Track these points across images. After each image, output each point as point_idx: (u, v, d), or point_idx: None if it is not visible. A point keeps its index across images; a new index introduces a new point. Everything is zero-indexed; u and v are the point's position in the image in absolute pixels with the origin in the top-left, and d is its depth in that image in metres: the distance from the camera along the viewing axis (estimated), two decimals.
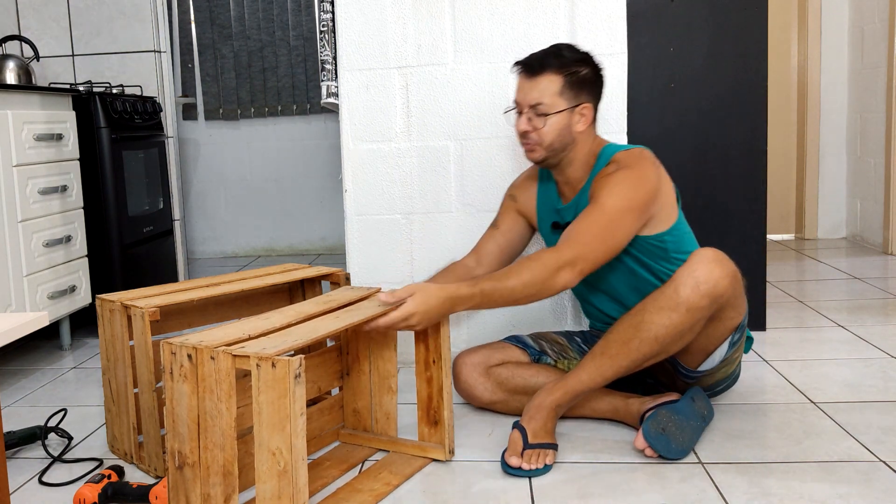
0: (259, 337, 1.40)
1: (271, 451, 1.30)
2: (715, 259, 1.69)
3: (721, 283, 1.67)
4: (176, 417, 1.39)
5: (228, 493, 1.35)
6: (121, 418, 1.77)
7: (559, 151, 1.82)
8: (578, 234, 1.69)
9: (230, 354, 1.31)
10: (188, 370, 1.36)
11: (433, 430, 1.75)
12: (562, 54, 1.79)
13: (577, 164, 1.85)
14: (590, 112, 1.82)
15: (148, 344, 1.63)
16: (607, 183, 1.74)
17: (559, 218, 1.92)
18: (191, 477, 1.39)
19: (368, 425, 1.85)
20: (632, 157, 1.78)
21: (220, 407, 1.33)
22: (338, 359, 1.85)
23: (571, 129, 1.80)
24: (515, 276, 1.65)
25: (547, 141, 1.80)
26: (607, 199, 1.71)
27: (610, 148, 1.84)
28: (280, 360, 1.26)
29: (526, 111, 1.81)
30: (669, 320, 1.66)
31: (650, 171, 1.76)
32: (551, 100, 1.78)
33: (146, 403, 1.68)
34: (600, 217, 1.70)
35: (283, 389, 1.27)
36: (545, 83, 1.78)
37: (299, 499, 1.28)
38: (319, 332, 1.42)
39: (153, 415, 1.67)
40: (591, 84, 1.82)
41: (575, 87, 1.79)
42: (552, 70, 1.78)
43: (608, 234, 1.70)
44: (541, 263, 1.66)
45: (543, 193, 1.97)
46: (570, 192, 1.89)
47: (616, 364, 1.70)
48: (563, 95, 1.78)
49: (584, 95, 1.80)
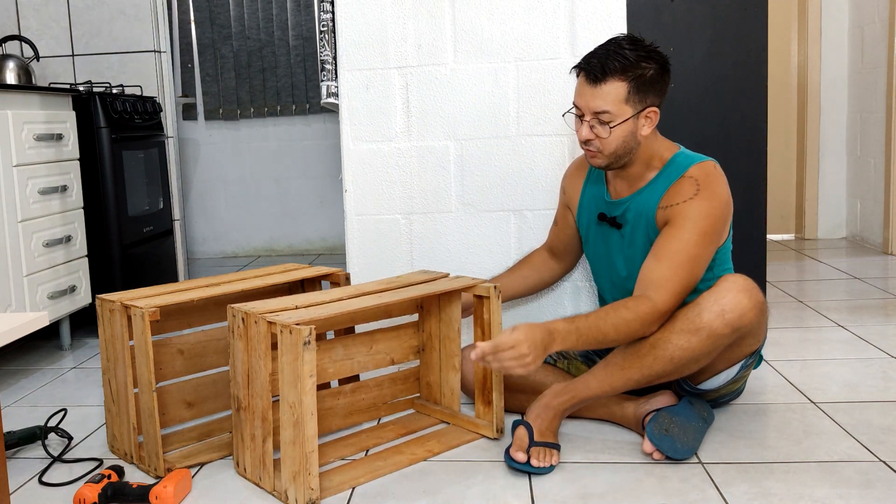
0: (307, 307, 1.62)
1: (289, 404, 1.51)
2: (745, 289, 1.65)
3: (748, 315, 1.64)
4: (235, 368, 1.64)
5: (265, 436, 1.59)
6: (121, 418, 1.77)
7: (623, 157, 1.75)
8: (665, 280, 1.66)
9: (266, 321, 1.54)
10: (241, 331, 1.61)
11: (487, 408, 1.86)
12: (624, 53, 1.66)
13: (637, 163, 1.79)
14: (656, 115, 1.72)
15: (148, 344, 1.64)
16: (688, 212, 1.69)
17: (606, 210, 1.86)
18: (243, 419, 1.64)
19: (438, 398, 2.00)
20: (709, 177, 1.71)
21: (259, 363, 1.57)
22: (415, 334, 2.00)
23: (637, 135, 1.72)
24: (612, 321, 1.63)
25: (611, 149, 1.72)
26: (690, 236, 1.67)
27: (682, 157, 1.77)
28: (295, 328, 1.47)
29: (589, 119, 1.71)
30: (688, 343, 1.64)
31: (725, 192, 1.73)
32: (616, 108, 1.68)
33: (146, 403, 1.69)
34: (683, 258, 1.67)
35: (296, 353, 1.47)
36: (609, 89, 1.67)
37: (307, 446, 1.49)
38: (348, 308, 1.61)
39: (153, 415, 1.67)
40: (657, 83, 1.70)
41: (641, 90, 1.68)
42: (617, 76, 1.66)
43: (690, 275, 1.68)
44: (637, 315, 1.64)
45: (590, 184, 1.92)
46: (623, 189, 1.84)
47: (626, 377, 1.69)
48: (628, 102, 1.68)
49: (650, 97, 1.70)
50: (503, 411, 1.85)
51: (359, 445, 1.82)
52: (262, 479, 1.61)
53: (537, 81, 2.26)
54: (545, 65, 2.26)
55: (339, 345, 1.85)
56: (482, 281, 1.84)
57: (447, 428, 1.90)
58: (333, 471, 1.68)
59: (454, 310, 1.92)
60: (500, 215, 2.32)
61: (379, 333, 1.93)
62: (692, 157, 1.78)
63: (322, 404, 1.86)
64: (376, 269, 2.37)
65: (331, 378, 1.85)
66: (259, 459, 1.61)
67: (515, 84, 2.27)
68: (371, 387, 1.97)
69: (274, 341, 1.54)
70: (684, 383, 1.81)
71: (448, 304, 1.93)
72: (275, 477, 1.59)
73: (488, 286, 1.80)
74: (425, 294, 1.77)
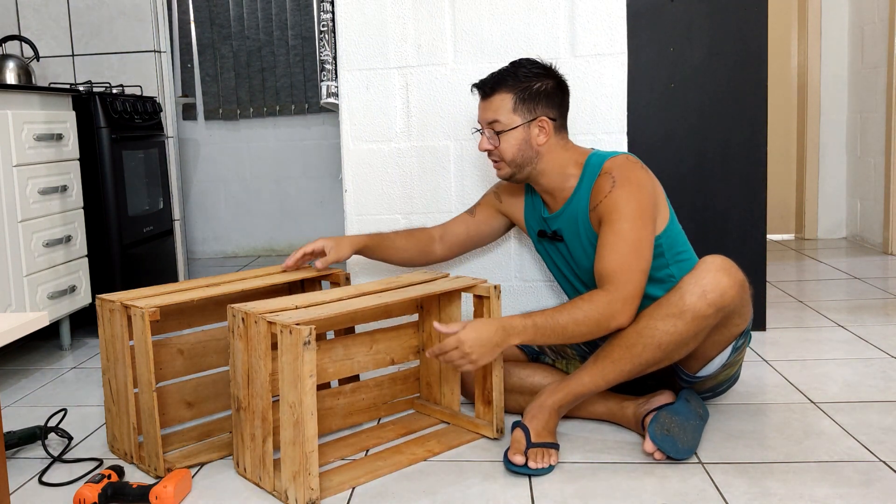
0: (307, 307, 1.62)
1: (289, 403, 1.51)
2: (723, 268, 1.67)
3: (728, 292, 1.66)
4: (235, 368, 1.64)
5: (265, 436, 1.59)
6: (121, 418, 1.77)
7: (523, 166, 1.84)
8: (615, 271, 1.69)
9: (266, 321, 1.54)
10: (241, 331, 1.61)
11: (487, 408, 1.86)
12: (517, 72, 1.81)
13: (550, 175, 1.85)
14: (548, 124, 1.82)
15: (148, 344, 1.64)
16: (613, 205, 1.73)
17: (545, 227, 1.93)
18: (243, 418, 1.64)
19: (438, 398, 2.00)
20: (623, 167, 1.77)
21: (259, 363, 1.57)
22: (415, 334, 2.00)
23: (532, 143, 1.82)
24: (568, 313, 1.67)
25: (508, 157, 1.83)
26: (622, 224, 1.71)
27: (596, 157, 1.84)
28: (295, 328, 1.47)
29: (486, 130, 1.85)
30: (674, 328, 1.66)
31: (644, 177, 1.77)
32: (505, 117, 1.80)
33: (146, 403, 1.69)
34: (624, 245, 1.70)
35: (296, 353, 1.47)
36: (498, 101, 1.81)
37: (307, 446, 1.49)
38: (348, 308, 1.61)
39: (153, 415, 1.67)
40: (547, 96, 1.82)
41: (529, 101, 1.80)
42: (504, 88, 1.80)
43: (639, 258, 1.70)
44: (594, 304, 1.67)
45: (530, 203, 1.99)
46: (553, 203, 1.90)
47: (618, 368, 1.70)
48: (516, 111, 1.80)
49: (540, 108, 1.81)
50: (503, 411, 1.85)
51: (359, 445, 1.82)
52: (262, 479, 1.62)
53: None
54: None
55: (339, 345, 1.85)
56: (482, 281, 1.84)
57: (447, 428, 1.91)
58: (333, 471, 1.68)
59: (454, 310, 1.92)
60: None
61: (379, 333, 1.93)
62: (604, 154, 1.84)
63: (322, 404, 1.86)
64: (376, 269, 2.37)
65: (331, 378, 1.85)
66: (259, 459, 1.62)
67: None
68: (371, 387, 1.97)
69: (274, 341, 1.54)
70: (682, 374, 1.82)
71: (448, 304, 1.93)
72: (275, 477, 1.59)
73: (488, 286, 1.80)
74: (425, 294, 1.77)
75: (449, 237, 2.10)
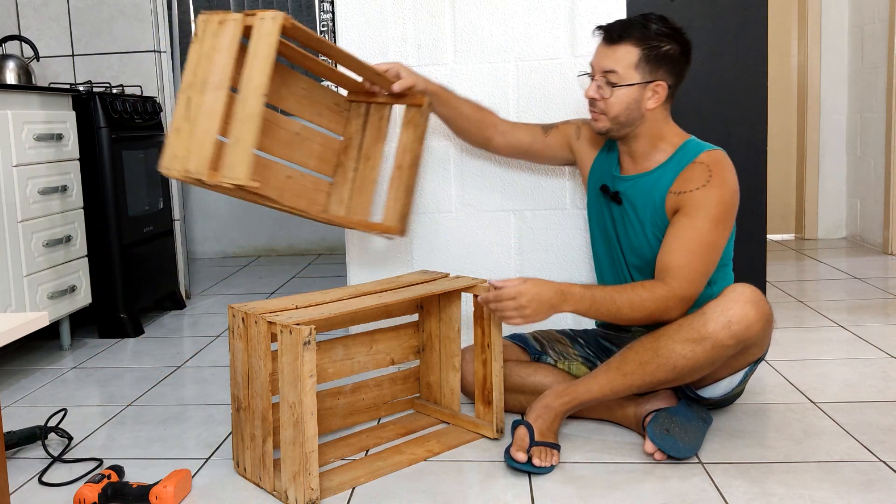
0: (307, 307, 1.62)
1: (289, 403, 1.51)
2: (752, 300, 1.64)
3: (754, 327, 1.64)
4: (235, 368, 1.65)
5: (265, 436, 1.59)
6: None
7: (624, 126, 1.77)
8: (681, 267, 1.68)
9: (266, 321, 1.54)
10: (242, 331, 1.61)
11: (487, 408, 1.85)
12: (648, 25, 1.71)
13: (643, 141, 1.80)
14: (664, 90, 1.74)
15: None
16: (702, 200, 1.70)
17: (611, 185, 1.87)
18: (243, 419, 1.64)
19: (438, 398, 2.00)
20: (720, 165, 1.73)
21: (259, 363, 1.57)
22: (415, 334, 2.00)
23: (641, 105, 1.75)
24: (627, 295, 1.66)
25: (613, 112, 1.75)
26: (704, 223, 1.69)
27: (693, 144, 1.79)
28: (295, 328, 1.47)
29: (598, 78, 1.76)
30: (692, 353, 1.64)
31: (735, 181, 1.75)
32: (625, 71, 1.72)
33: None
34: (698, 245, 1.69)
35: (296, 353, 1.47)
36: (622, 52, 1.72)
37: (307, 446, 1.48)
38: (347, 308, 1.61)
39: None
40: (671, 62, 1.74)
41: (653, 61, 1.71)
42: (632, 40, 1.71)
43: (707, 262, 1.70)
44: (653, 295, 1.66)
45: (604, 156, 1.93)
46: (630, 166, 1.85)
47: (628, 382, 1.70)
48: (638, 68, 1.72)
49: (661, 72, 1.73)
50: (503, 411, 1.85)
51: (359, 445, 1.82)
52: (262, 480, 1.62)
53: (537, 81, 2.26)
54: (545, 65, 2.26)
55: (339, 345, 1.85)
56: (482, 281, 1.84)
57: (447, 428, 1.91)
58: (333, 471, 1.68)
59: (454, 310, 1.92)
60: (500, 215, 2.32)
61: (379, 333, 1.93)
62: (703, 144, 1.80)
63: (322, 404, 1.86)
64: (376, 269, 2.37)
65: (331, 378, 1.85)
66: (259, 459, 1.62)
67: (515, 84, 2.27)
68: (371, 387, 1.97)
69: (274, 341, 1.54)
70: (687, 389, 1.81)
71: (448, 305, 1.93)
72: (275, 477, 1.59)
73: (488, 286, 1.80)
74: (425, 294, 1.77)
75: (511, 137, 2.03)
